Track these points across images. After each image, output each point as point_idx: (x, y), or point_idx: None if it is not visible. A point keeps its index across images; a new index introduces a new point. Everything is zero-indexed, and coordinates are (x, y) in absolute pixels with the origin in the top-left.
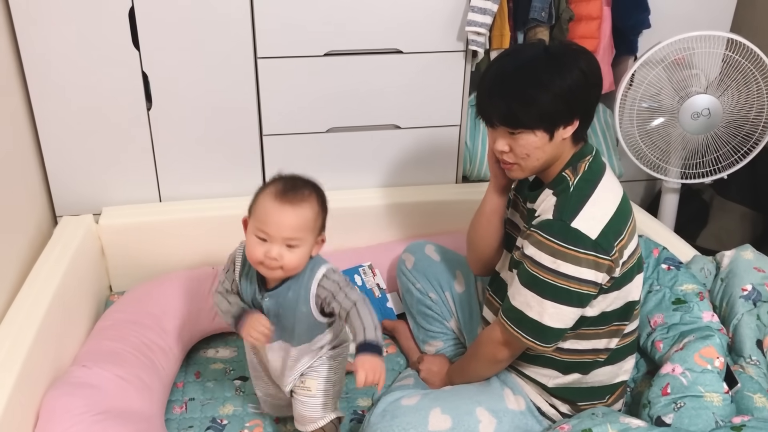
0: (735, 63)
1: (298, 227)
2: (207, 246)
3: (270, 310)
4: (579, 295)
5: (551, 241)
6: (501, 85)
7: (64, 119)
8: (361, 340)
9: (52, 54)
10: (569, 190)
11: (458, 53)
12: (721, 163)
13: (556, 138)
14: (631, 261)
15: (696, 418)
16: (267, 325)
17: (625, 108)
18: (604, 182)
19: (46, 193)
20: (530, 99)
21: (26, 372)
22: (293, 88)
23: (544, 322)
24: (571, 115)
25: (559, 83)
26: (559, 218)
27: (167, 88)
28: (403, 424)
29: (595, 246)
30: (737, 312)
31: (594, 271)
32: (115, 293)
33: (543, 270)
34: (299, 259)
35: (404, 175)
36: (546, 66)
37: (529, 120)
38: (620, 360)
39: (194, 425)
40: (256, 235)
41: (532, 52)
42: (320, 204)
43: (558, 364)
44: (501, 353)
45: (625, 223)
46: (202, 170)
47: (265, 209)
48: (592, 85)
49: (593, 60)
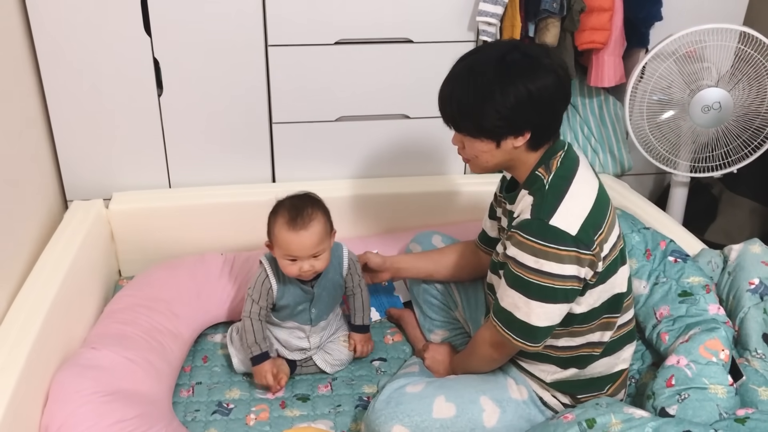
0: (747, 56)
1: (317, 243)
2: (216, 232)
3: (320, 295)
4: (564, 292)
5: (531, 241)
6: (450, 87)
7: (76, 105)
8: (359, 322)
9: (64, 40)
10: (545, 189)
11: (469, 43)
12: (731, 157)
13: (503, 146)
14: (613, 253)
15: (700, 409)
16: (283, 380)
17: (635, 101)
18: (579, 176)
19: (57, 177)
20: (468, 110)
21: (36, 353)
22: (303, 76)
23: (532, 323)
24: (516, 129)
25: (500, 99)
26: (537, 217)
27: (178, 74)
28: (407, 411)
29: (575, 242)
30: (744, 305)
31: (576, 266)
32: (124, 278)
33: (526, 270)
34: (326, 260)
35: (413, 165)
36: (493, 77)
37: (469, 130)
38: (617, 350)
39: (201, 409)
40: (286, 259)
41: (490, 56)
42: (324, 214)
43: (554, 360)
44: (494, 353)
45: (604, 216)
46: (212, 157)
47: (285, 240)
48: (540, 104)
49: (551, 77)
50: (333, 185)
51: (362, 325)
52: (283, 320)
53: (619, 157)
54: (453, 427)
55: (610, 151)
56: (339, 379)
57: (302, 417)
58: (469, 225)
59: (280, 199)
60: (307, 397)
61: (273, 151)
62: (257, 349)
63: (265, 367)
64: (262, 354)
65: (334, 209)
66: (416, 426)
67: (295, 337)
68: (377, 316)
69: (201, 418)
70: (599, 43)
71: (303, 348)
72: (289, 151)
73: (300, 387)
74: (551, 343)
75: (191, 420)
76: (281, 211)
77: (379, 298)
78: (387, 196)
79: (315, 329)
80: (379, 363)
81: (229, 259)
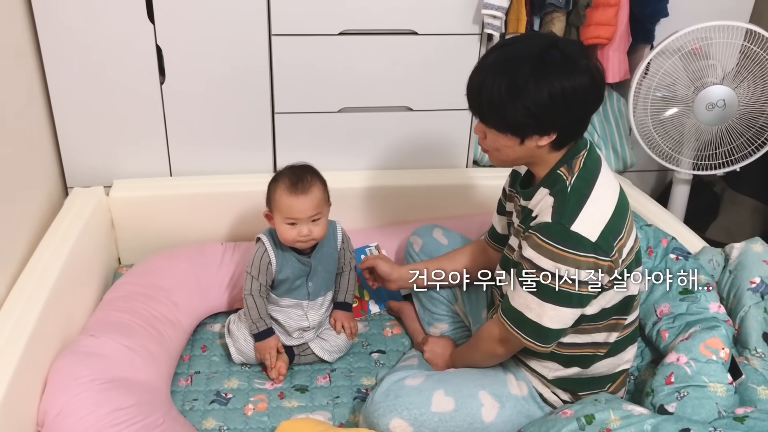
0: (753, 54)
1: (316, 206)
2: (216, 221)
3: (316, 267)
4: (579, 297)
5: (551, 245)
6: (480, 77)
7: (78, 91)
8: (341, 299)
9: (66, 26)
10: (567, 191)
11: (473, 36)
12: (734, 156)
13: (527, 144)
14: (629, 257)
15: (699, 407)
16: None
17: (639, 97)
18: (602, 179)
19: (58, 164)
20: (497, 104)
21: (35, 340)
22: (307, 66)
23: (544, 324)
24: (544, 128)
25: (533, 95)
26: (558, 221)
27: (181, 62)
28: (406, 404)
29: (594, 248)
30: (744, 304)
31: (594, 272)
32: (124, 266)
33: (543, 273)
34: (324, 227)
35: (415, 158)
36: (529, 72)
37: (494, 123)
38: (620, 351)
39: (199, 398)
40: (285, 223)
41: (527, 49)
42: (322, 182)
43: (558, 358)
44: (499, 349)
45: (624, 221)
46: (213, 146)
47: (287, 203)
48: (572, 105)
49: (586, 78)
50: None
51: (344, 302)
52: (282, 296)
53: (622, 153)
54: (451, 421)
55: (613, 148)
56: (338, 370)
57: (300, 408)
58: (472, 218)
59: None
60: (306, 388)
61: (275, 141)
62: (263, 324)
63: (270, 343)
64: (267, 330)
65: (336, 200)
66: (415, 419)
67: (294, 316)
68: (377, 309)
69: (199, 407)
70: (604, 38)
71: (303, 327)
72: (291, 141)
73: (299, 378)
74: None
75: (189, 409)
76: (282, 178)
77: (378, 290)
78: (389, 188)
79: (313, 305)
80: (378, 355)
81: (229, 249)
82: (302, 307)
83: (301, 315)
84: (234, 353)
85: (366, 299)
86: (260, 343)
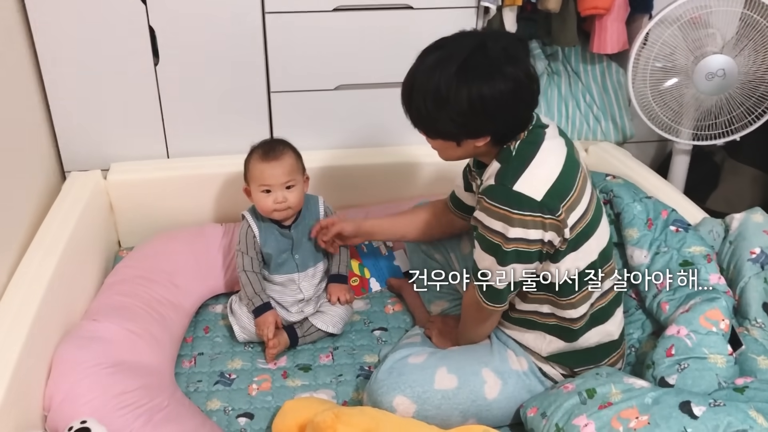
0: (753, 22)
1: (288, 171)
2: (214, 202)
3: (299, 240)
4: (528, 254)
5: (496, 207)
6: (409, 86)
7: (72, 74)
8: (335, 272)
9: (58, 8)
10: (511, 155)
11: (470, 9)
12: (734, 125)
13: (465, 146)
14: (583, 221)
15: (699, 379)
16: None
17: (638, 68)
18: (547, 143)
19: (54, 148)
20: (425, 116)
21: (38, 326)
22: (301, 44)
23: (499, 286)
24: (474, 134)
25: (454, 104)
26: (501, 182)
27: (174, 43)
28: (409, 381)
29: (540, 207)
30: (744, 275)
31: (541, 231)
32: (124, 249)
33: (493, 234)
34: (299, 195)
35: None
36: (451, 78)
37: (426, 132)
38: (608, 317)
39: (203, 379)
40: (260, 191)
41: (457, 50)
42: (295, 152)
43: (541, 327)
44: (480, 314)
45: (572, 184)
46: (210, 127)
47: (260, 170)
48: (494, 111)
49: (509, 84)
50: (332, 154)
51: (338, 274)
52: (273, 273)
53: (621, 124)
54: (454, 399)
55: (612, 119)
56: (340, 348)
57: (304, 387)
58: None
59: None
60: (309, 366)
61: (271, 120)
62: (258, 300)
63: (269, 318)
64: (264, 305)
65: (333, 178)
66: (418, 397)
67: (289, 291)
68: (378, 286)
69: (203, 389)
70: (602, 8)
71: (299, 299)
72: (287, 120)
73: (301, 357)
74: (536, 309)
75: (194, 390)
76: (255, 150)
77: (379, 268)
78: (386, 165)
79: (304, 276)
80: (379, 332)
81: (229, 230)
82: (294, 281)
83: (295, 288)
84: (237, 331)
85: (367, 277)
86: (259, 318)
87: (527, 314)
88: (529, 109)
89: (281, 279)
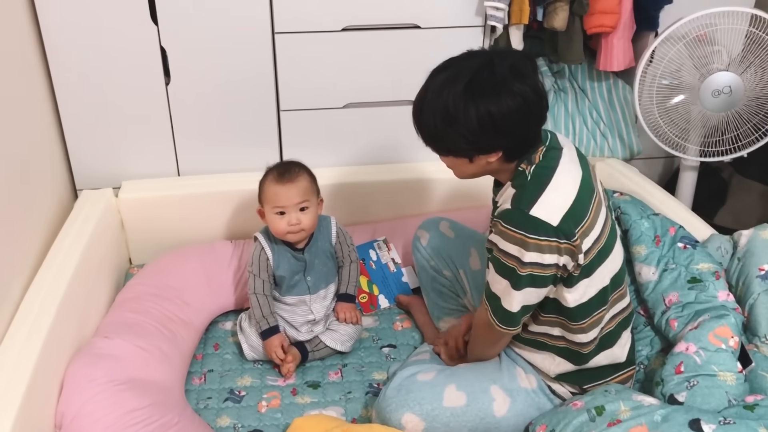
0: (758, 39)
1: (303, 194)
2: (225, 220)
3: (312, 262)
4: (543, 278)
5: (512, 231)
6: (419, 105)
7: (84, 94)
8: (343, 291)
9: (71, 28)
10: (527, 179)
11: (477, 28)
12: (741, 141)
13: (477, 162)
14: (596, 247)
15: (709, 396)
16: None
17: (644, 85)
18: (563, 167)
19: (67, 167)
20: (435, 134)
21: (51, 343)
22: (310, 63)
23: (512, 309)
24: (485, 150)
25: (463, 122)
26: (517, 207)
27: (185, 63)
28: (418, 398)
29: (556, 232)
30: (753, 291)
31: (556, 255)
32: (135, 266)
33: (508, 257)
34: (313, 217)
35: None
36: (459, 96)
37: (437, 150)
38: (615, 341)
39: (213, 396)
40: (274, 213)
41: (465, 69)
42: (310, 174)
43: (551, 349)
44: (491, 335)
45: (587, 209)
46: (220, 145)
47: (274, 192)
48: (504, 128)
49: (517, 100)
50: (341, 171)
51: (346, 294)
52: (284, 294)
53: (628, 141)
54: (463, 416)
55: (619, 136)
56: (349, 365)
57: (313, 404)
58: (479, 210)
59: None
60: (318, 383)
61: (281, 138)
62: (265, 324)
63: (275, 341)
64: (271, 328)
65: (342, 196)
66: (426, 414)
67: (299, 312)
68: (386, 303)
69: (213, 406)
70: (608, 26)
71: (309, 320)
72: (297, 138)
73: (311, 374)
74: (546, 331)
75: (204, 407)
76: (270, 172)
77: (388, 285)
78: (395, 182)
79: (315, 298)
80: (388, 350)
81: (239, 247)
82: (306, 302)
83: (306, 309)
84: (246, 350)
85: (375, 294)
86: (265, 342)
87: (538, 336)
88: (539, 124)
89: (293, 300)
